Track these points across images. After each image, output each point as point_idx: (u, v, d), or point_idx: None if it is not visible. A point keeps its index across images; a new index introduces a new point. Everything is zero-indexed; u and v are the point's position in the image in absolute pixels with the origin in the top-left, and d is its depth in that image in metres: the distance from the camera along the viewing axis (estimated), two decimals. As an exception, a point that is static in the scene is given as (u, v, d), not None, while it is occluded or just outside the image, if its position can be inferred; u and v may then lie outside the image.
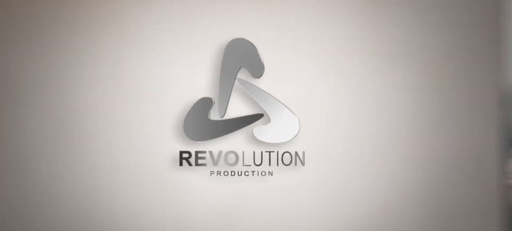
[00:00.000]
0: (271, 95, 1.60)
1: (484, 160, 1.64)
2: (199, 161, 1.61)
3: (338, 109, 1.63)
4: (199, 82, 1.62)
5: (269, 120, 1.60)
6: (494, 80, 1.65)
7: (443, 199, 1.65)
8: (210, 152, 1.62)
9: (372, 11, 1.64)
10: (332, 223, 1.64)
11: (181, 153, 1.61)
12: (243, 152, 1.62)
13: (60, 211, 1.63)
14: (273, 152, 1.62)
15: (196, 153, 1.62)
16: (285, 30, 1.63)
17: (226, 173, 1.62)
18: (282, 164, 1.62)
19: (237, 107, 1.61)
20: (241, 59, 1.61)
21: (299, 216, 1.64)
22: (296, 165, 1.62)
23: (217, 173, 1.62)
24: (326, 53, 1.63)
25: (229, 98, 1.61)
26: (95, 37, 1.62)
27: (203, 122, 1.60)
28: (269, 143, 1.61)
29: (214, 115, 1.61)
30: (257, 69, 1.61)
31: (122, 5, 1.63)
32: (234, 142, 1.62)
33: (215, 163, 1.62)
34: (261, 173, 1.62)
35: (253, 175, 1.62)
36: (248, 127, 1.61)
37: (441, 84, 1.64)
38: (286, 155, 1.62)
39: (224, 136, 1.61)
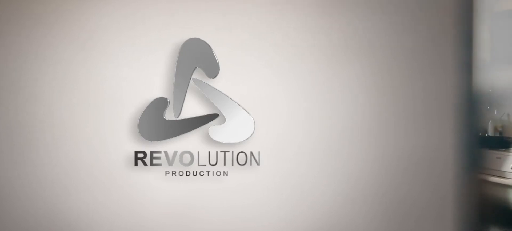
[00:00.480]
0: (226, 95, 1.60)
1: (439, 160, 1.65)
2: (154, 161, 1.61)
3: (292, 109, 1.64)
4: (154, 82, 1.61)
5: (224, 120, 1.61)
6: (450, 80, 1.66)
7: (398, 199, 1.65)
8: (165, 152, 1.62)
9: (327, 11, 1.64)
10: (288, 223, 1.64)
11: (136, 153, 1.61)
12: (198, 152, 1.62)
13: (16, 210, 1.62)
14: (228, 152, 1.62)
15: (151, 153, 1.61)
16: (239, 30, 1.63)
17: (181, 173, 1.62)
18: (237, 164, 1.62)
19: (192, 108, 1.61)
20: (196, 59, 1.61)
21: (255, 216, 1.64)
22: (251, 165, 1.63)
23: (172, 173, 1.62)
24: (280, 53, 1.63)
25: (184, 99, 1.61)
26: (50, 37, 1.61)
27: (158, 122, 1.60)
28: (224, 143, 1.61)
29: (169, 115, 1.61)
30: (212, 69, 1.61)
31: (76, 6, 1.62)
32: (189, 142, 1.62)
33: (170, 163, 1.62)
34: (216, 173, 1.63)
35: (208, 175, 1.62)
36: (203, 127, 1.61)
37: (396, 85, 1.65)
38: (241, 155, 1.62)
39: (179, 136, 1.61)
